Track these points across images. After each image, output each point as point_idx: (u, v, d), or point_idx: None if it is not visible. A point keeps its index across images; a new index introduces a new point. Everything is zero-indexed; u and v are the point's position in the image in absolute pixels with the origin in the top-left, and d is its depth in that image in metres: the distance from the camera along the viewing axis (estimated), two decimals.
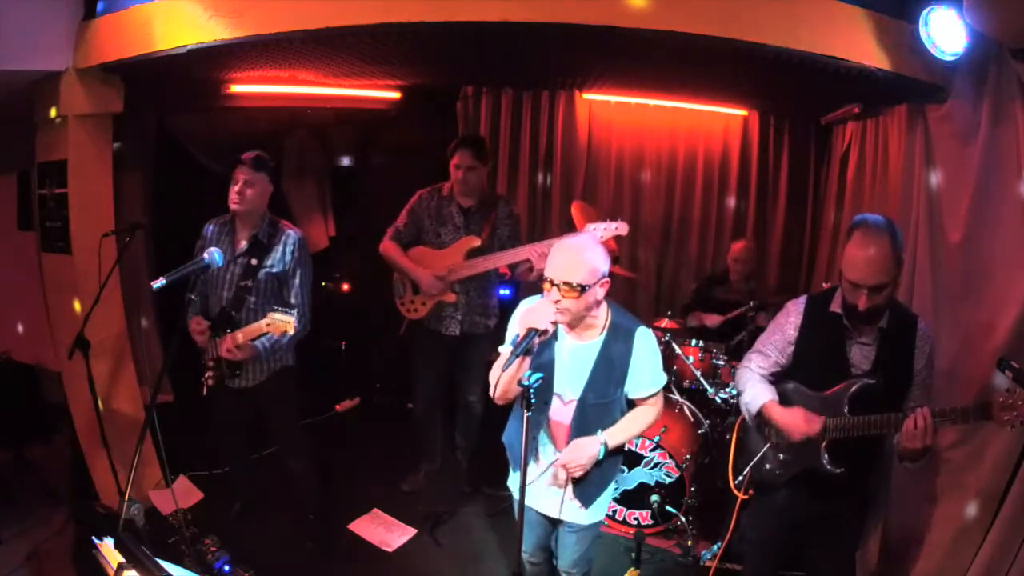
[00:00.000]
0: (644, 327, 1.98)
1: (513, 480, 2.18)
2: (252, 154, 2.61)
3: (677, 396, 3.48)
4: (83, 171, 3.01)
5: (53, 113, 2.95)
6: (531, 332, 1.74)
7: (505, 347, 1.95)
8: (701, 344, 3.70)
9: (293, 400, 2.88)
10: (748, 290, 3.98)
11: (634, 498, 3.15)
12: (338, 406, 4.59)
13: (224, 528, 2.64)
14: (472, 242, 3.12)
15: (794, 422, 1.97)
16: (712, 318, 3.99)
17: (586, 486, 2.04)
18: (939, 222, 2.59)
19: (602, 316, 1.96)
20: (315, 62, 3.05)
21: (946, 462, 2.41)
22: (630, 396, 2.02)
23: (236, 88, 3.59)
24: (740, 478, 2.25)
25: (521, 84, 4.31)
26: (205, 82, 3.42)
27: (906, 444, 1.81)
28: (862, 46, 2.35)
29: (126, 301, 3.24)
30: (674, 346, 3.63)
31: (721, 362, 3.63)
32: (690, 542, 3.04)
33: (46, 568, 2.75)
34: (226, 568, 2.31)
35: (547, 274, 1.85)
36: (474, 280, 3.18)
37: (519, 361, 1.75)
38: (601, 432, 1.97)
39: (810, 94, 3.52)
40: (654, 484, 3.10)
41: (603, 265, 1.86)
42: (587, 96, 4.34)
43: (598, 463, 1.98)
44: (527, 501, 2.07)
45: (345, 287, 4.89)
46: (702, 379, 3.57)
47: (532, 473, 2.06)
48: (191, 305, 2.58)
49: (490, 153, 3.33)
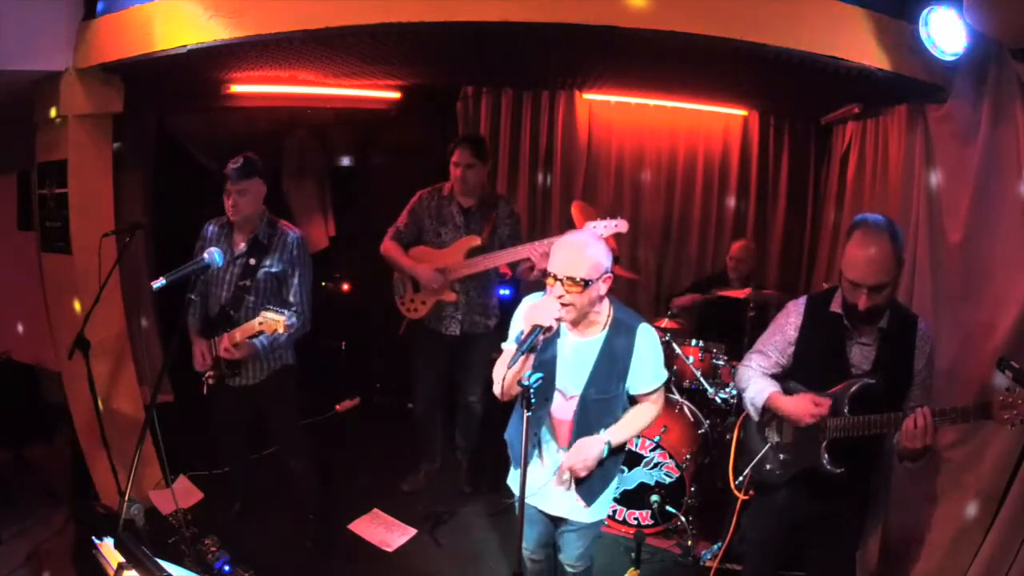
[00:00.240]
0: (646, 323, 1.99)
1: (514, 478, 2.18)
2: (236, 163, 2.58)
3: (677, 396, 3.48)
4: (83, 171, 3.01)
5: (53, 113, 2.95)
6: (535, 329, 1.75)
7: (509, 344, 1.96)
8: (701, 344, 3.70)
9: (293, 399, 2.89)
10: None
11: (634, 498, 3.15)
12: (338, 406, 4.59)
13: (224, 528, 2.65)
14: (472, 241, 3.12)
15: (803, 406, 1.97)
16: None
17: (589, 485, 2.04)
18: (939, 222, 2.59)
19: (604, 312, 1.97)
20: (315, 62, 3.05)
21: (946, 462, 2.41)
22: (632, 392, 2.03)
23: (236, 88, 3.59)
24: (740, 479, 2.25)
25: (521, 84, 4.31)
26: (205, 82, 3.42)
27: (906, 444, 1.81)
28: (862, 46, 2.35)
29: (126, 301, 3.24)
30: (674, 346, 3.63)
31: (721, 362, 3.63)
32: (690, 542, 3.04)
33: (46, 568, 2.75)
34: (226, 568, 2.31)
35: (550, 270, 1.87)
36: (474, 280, 3.18)
37: (523, 358, 1.76)
38: (604, 431, 1.98)
39: (810, 94, 3.52)
40: (654, 484, 3.10)
41: (605, 260, 1.87)
42: (587, 96, 4.34)
43: (600, 462, 1.99)
44: (529, 499, 2.08)
45: (345, 287, 4.89)
46: (702, 379, 3.57)
47: (536, 472, 2.06)
48: (191, 305, 2.58)
49: (490, 152, 3.33)
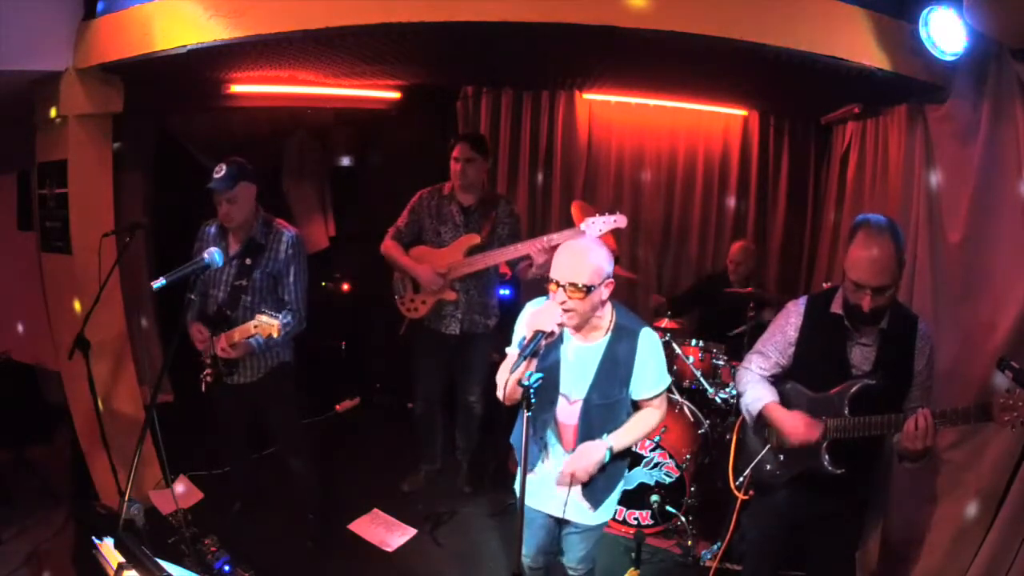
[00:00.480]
0: (648, 328, 1.99)
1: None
2: (219, 173, 2.53)
3: (677, 396, 3.48)
4: (83, 171, 3.01)
5: (53, 113, 2.95)
6: (538, 334, 1.75)
7: (512, 349, 1.96)
8: (701, 344, 3.70)
9: (292, 397, 2.89)
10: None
11: (634, 498, 3.15)
12: (338, 406, 4.59)
13: (224, 528, 2.64)
14: (472, 240, 3.12)
15: (795, 427, 1.97)
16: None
17: (593, 488, 2.05)
18: (939, 222, 2.59)
19: (607, 317, 1.97)
20: (315, 62, 3.05)
21: (946, 462, 2.41)
22: (634, 397, 2.03)
23: (236, 88, 3.59)
24: (740, 479, 2.25)
25: (521, 84, 4.31)
26: (205, 82, 3.42)
27: (906, 445, 1.81)
28: (862, 46, 2.35)
29: (126, 301, 3.23)
30: (674, 346, 3.63)
31: (721, 362, 3.63)
32: (690, 542, 3.04)
33: (46, 568, 2.75)
34: (226, 568, 2.31)
35: (552, 276, 1.87)
36: (474, 279, 3.18)
37: (525, 363, 1.76)
38: (607, 436, 1.98)
39: (810, 94, 3.52)
40: (654, 484, 3.10)
41: (607, 266, 1.88)
42: (587, 96, 4.34)
43: (603, 467, 1.99)
44: (533, 503, 2.08)
45: (345, 287, 4.89)
46: (702, 379, 3.57)
47: (542, 475, 2.07)
48: (191, 305, 2.58)
49: (490, 150, 3.34)
